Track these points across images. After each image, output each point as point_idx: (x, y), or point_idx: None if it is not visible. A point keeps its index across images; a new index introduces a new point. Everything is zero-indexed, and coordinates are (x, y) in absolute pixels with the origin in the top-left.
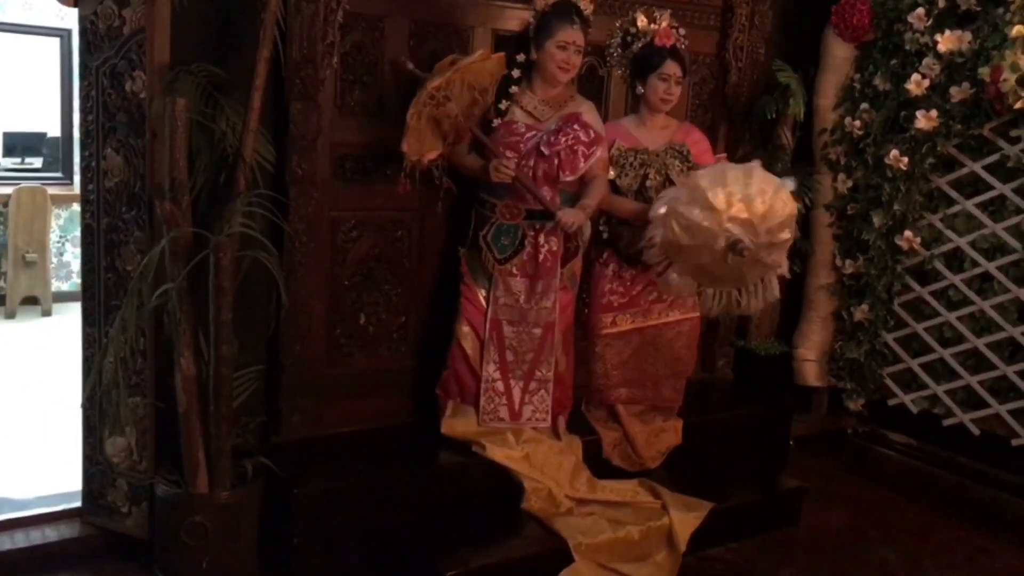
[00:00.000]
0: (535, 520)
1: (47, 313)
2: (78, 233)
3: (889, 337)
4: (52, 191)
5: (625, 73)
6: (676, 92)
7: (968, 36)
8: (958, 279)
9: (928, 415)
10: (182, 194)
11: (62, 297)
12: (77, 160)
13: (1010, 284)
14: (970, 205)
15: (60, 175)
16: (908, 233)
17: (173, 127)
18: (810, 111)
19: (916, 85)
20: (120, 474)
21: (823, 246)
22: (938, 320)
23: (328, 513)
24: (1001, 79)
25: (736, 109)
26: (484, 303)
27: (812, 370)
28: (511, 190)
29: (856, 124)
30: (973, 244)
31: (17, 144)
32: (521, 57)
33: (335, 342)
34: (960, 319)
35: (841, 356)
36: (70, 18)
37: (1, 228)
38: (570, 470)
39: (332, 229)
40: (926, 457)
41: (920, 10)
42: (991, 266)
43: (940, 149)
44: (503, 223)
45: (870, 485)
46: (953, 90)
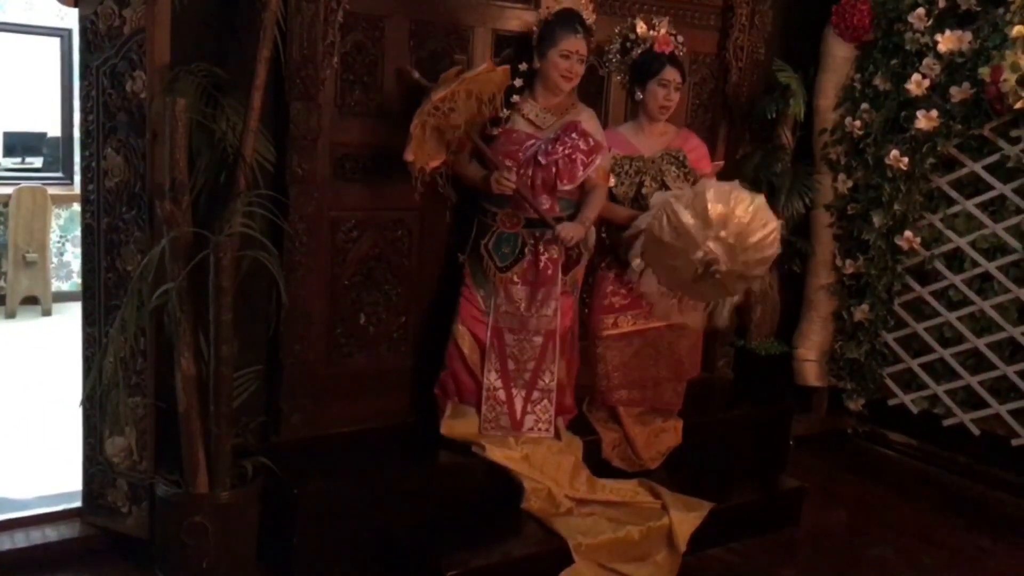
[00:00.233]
0: (535, 520)
1: (47, 313)
2: (78, 233)
3: (889, 337)
4: (52, 191)
5: (624, 79)
6: (675, 98)
7: (968, 36)
8: (958, 279)
9: (928, 415)
10: (182, 194)
11: (62, 297)
12: (77, 160)
13: (1010, 284)
14: (970, 205)
15: (60, 175)
16: (908, 233)
17: (173, 127)
18: (810, 111)
19: (916, 85)
20: (120, 474)
21: (823, 246)
22: (938, 320)
23: (328, 513)
24: (1001, 79)
25: (736, 109)
26: (483, 305)
27: (812, 370)
28: (512, 199)
29: (856, 124)
30: (973, 244)
31: (17, 144)
32: (524, 66)
33: (335, 342)
34: (960, 319)
35: (841, 356)
36: (70, 18)
37: (1, 228)
38: (569, 470)
39: (332, 229)
40: (926, 457)
41: (920, 10)
42: (991, 266)
43: (940, 149)
44: (504, 232)
45: (870, 485)
46: (953, 90)
